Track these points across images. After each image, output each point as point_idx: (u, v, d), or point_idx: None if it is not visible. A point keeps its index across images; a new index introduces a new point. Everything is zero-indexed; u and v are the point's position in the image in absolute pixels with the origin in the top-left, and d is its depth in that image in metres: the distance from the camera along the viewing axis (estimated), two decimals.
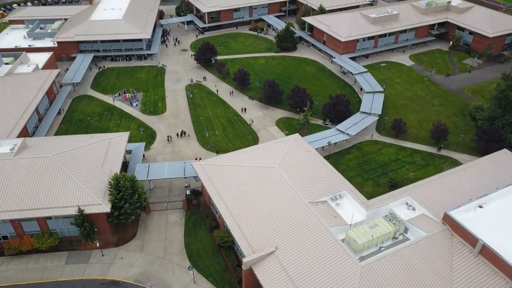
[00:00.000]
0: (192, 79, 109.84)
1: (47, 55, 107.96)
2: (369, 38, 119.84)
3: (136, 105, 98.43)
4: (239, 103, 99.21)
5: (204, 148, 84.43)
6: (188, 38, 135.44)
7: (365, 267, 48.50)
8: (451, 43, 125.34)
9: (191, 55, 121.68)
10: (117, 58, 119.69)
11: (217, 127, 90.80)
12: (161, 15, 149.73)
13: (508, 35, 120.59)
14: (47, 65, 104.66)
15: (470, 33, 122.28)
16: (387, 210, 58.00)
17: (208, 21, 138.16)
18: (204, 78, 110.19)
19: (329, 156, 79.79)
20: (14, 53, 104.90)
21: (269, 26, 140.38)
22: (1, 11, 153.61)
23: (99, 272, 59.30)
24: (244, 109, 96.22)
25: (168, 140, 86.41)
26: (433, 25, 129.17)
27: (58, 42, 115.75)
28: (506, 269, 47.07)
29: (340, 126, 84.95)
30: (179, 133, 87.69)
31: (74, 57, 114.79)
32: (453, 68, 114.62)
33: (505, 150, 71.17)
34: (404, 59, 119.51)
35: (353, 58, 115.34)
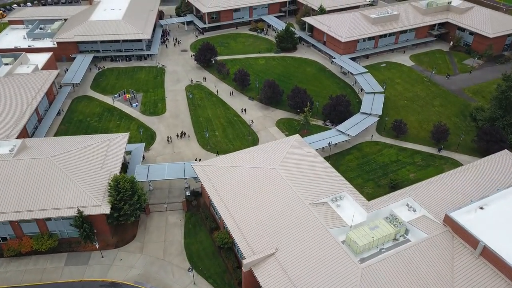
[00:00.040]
0: (192, 80, 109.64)
1: (47, 56, 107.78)
2: (370, 39, 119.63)
3: (136, 106, 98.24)
4: (239, 104, 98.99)
5: (204, 149, 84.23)
6: (188, 39, 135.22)
7: (366, 269, 48.30)
8: (452, 44, 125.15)
9: (191, 56, 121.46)
10: (117, 59, 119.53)
11: (217, 128, 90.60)
12: (161, 16, 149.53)
13: (509, 36, 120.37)
14: (47, 66, 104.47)
15: (471, 34, 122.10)
16: (388, 212, 57.75)
17: (208, 22, 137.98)
18: (204, 79, 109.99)
19: (329, 157, 79.60)
20: (14, 54, 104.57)
21: (269, 27, 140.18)
22: (1, 11, 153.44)
23: (99, 274, 59.14)
24: (244, 110, 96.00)
25: (168, 141, 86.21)
26: (434, 26, 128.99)
27: (58, 43, 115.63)
28: (508, 271, 46.81)
29: (341, 127, 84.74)
30: (179, 134, 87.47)
31: (74, 58, 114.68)
32: (454, 69, 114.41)
33: (506, 151, 70.95)
34: (405, 60, 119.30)
35: (353, 59, 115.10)
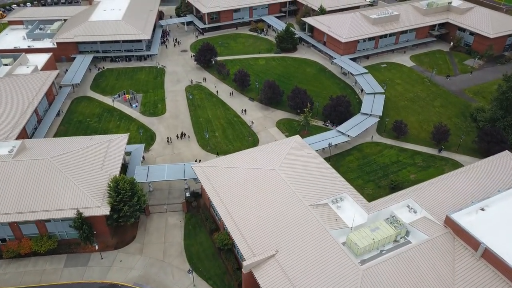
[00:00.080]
0: (192, 80, 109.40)
1: (47, 56, 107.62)
2: (370, 39, 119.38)
3: (136, 106, 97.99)
4: (239, 104, 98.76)
5: (204, 150, 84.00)
6: (188, 39, 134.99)
7: (366, 271, 48.07)
8: (452, 44, 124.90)
9: (191, 56, 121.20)
10: (117, 59, 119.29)
11: (217, 129, 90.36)
12: (161, 16, 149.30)
13: (509, 36, 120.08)
14: (47, 66, 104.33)
15: (471, 34, 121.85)
16: (388, 213, 57.48)
17: (208, 22, 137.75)
18: (204, 79, 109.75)
19: (330, 158, 79.39)
20: (13, 54, 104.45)
21: (269, 27, 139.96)
22: (1, 12, 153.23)
23: (98, 275, 58.90)
24: (244, 111, 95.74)
25: (168, 142, 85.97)
26: (434, 26, 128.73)
27: (58, 43, 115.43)
28: (509, 273, 46.56)
29: (341, 128, 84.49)
30: (179, 135, 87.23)
31: (74, 58, 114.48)
32: (454, 69, 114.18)
33: (507, 152, 70.66)
34: (405, 60, 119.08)
35: (354, 59, 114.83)
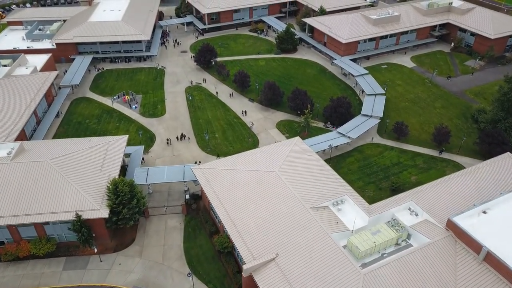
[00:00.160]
0: (192, 81, 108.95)
1: (46, 57, 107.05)
2: (370, 40, 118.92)
3: (135, 108, 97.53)
4: (239, 106, 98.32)
5: (204, 151, 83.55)
6: (188, 40, 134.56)
7: (368, 275, 47.62)
8: (453, 45, 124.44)
9: (191, 57, 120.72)
10: (116, 60, 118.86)
11: (217, 130, 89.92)
12: (161, 16, 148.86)
13: (510, 37, 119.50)
14: (46, 67, 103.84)
15: (472, 35, 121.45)
16: (390, 216, 57.08)
17: (208, 22, 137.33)
18: (204, 80, 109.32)
19: (330, 160, 78.98)
20: (13, 55, 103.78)
21: (269, 28, 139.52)
22: (0, 12, 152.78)
23: (97, 278, 58.47)
24: (245, 112, 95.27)
25: (168, 143, 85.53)
26: (435, 27, 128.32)
27: (57, 44, 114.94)
28: (511, 277, 46.19)
29: (341, 129, 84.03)
30: (179, 136, 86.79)
31: (73, 59, 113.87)
32: (455, 70, 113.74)
33: (508, 154, 70.20)
34: (406, 61, 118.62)
35: (354, 60, 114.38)
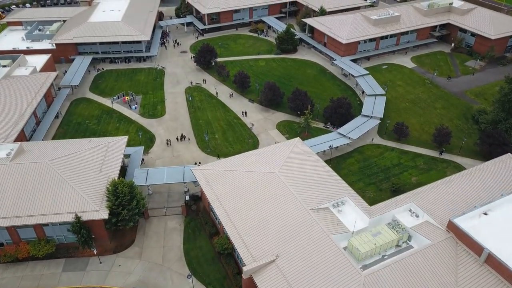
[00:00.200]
0: (192, 82, 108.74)
1: (45, 57, 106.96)
2: (371, 40, 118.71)
3: (135, 108, 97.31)
4: (239, 106, 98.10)
5: (204, 152, 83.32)
6: (188, 40, 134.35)
7: (368, 276, 47.42)
8: (453, 45, 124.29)
9: (191, 57, 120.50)
10: (116, 60, 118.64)
11: (217, 131, 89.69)
12: (161, 17, 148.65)
13: (511, 37, 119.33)
14: (45, 68, 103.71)
15: (472, 35, 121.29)
16: (390, 217, 56.89)
17: (208, 23, 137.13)
18: (204, 81, 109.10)
19: (330, 160, 78.74)
20: (12, 56, 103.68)
21: (269, 28, 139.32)
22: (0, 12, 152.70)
23: (97, 280, 58.26)
24: (245, 113, 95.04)
25: (168, 144, 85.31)
26: (435, 27, 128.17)
27: (57, 44, 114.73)
28: None
29: (342, 130, 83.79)
30: (179, 137, 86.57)
31: (73, 59, 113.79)
32: (455, 70, 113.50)
33: (509, 155, 70.02)
34: (406, 61, 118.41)
35: (354, 60, 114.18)
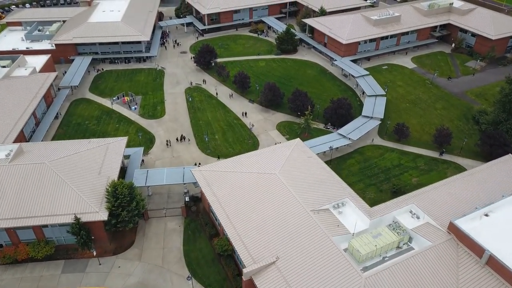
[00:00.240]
0: (192, 82, 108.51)
1: (45, 58, 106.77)
2: (371, 40, 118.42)
3: (135, 109, 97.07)
4: (239, 107, 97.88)
5: (204, 153, 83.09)
6: (188, 40, 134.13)
7: (369, 278, 47.18)
8: (454, 45, 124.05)
9: (191, 58, 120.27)
10: (116, 61, 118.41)
11: (217, 131, 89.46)
12: (160, 17, 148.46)
13: (511, 37, 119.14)
14: (45, 68, 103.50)
15: (473, 35, 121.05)
16: (391, 219, 56.62)
17: (208, 23, 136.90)
18: (204, 81, 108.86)
19: (331, 161, 78.50)
20: (12, 56, 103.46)
21: (270, 28, 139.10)
22: None
23: (96, 282, 58.02)
24: (245, 113, 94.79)
25: (167, 145, 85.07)
26: (435, 27, 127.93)
27: (56, 45, 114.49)
28: None
29: (342, 131, 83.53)
30: (179, 138, 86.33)
31: (72, 60, 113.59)
32: (456, 71, 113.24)
33: (510, 156, 69.79)
34: (406, 62, 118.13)
35: (355, 61, 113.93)
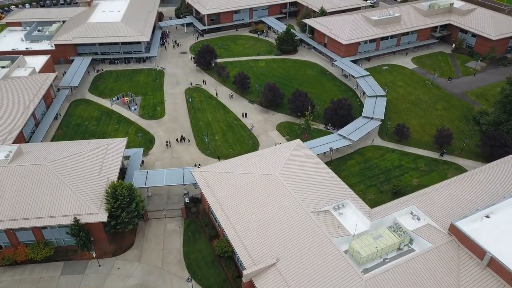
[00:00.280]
0: (192, 83, 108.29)
1: (45, 58, 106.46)
2: (371, 41, 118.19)
3: (135, 109, 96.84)
4: (239, 107, 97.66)
5: (204, 154, 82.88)
6: (188, 41, 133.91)
7: (369, 280, 46.95)
8: (454, 46, 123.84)
9: (191, 58, 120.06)
10: (116, 61, 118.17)
11: (217, 132, 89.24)
12: (160, 17, 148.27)
13: None
14: (45, 69, 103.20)
15: (473, 36, 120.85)
16: (391, 220, 56.38)
17: (208, 23, 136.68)
18: (204, 82, 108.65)
19: (331, 162, 78.28)
20: (11, 56, 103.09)
21: (270, 28, 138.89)
22: None
23: (96, 283, 57.77)
24: (245, 114, 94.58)
25: (167, 146, 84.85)
26: (436, 28, 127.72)
27: (56, 45, 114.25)
28: None
29: (342, 131, 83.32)
30: (179, 138, 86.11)
31: (72, 60, 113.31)
32: (456, 71, 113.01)
33: (511, 156, 69.62)
34: (407, 62, 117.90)
35: (355, 61, 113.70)
